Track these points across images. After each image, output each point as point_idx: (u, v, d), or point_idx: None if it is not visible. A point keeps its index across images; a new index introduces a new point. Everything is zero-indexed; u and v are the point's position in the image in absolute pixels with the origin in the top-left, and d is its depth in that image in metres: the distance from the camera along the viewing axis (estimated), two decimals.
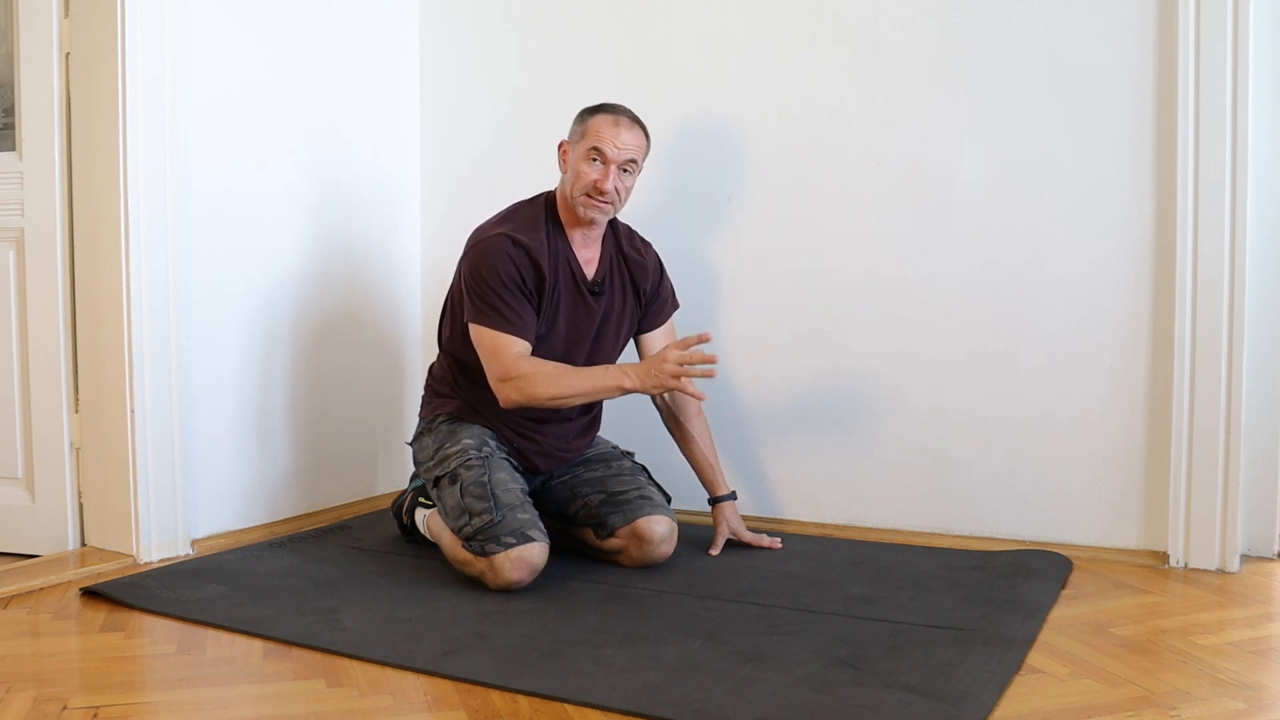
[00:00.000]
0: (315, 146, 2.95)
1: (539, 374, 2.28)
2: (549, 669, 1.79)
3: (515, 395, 2.29)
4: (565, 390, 2.28)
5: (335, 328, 3.03)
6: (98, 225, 2.53)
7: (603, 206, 2.36)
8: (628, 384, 2.26)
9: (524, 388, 2.27)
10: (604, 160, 2.33)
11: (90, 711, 1.65)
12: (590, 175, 2.34)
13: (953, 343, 2.66)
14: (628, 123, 2.37)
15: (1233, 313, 2.37)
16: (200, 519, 2.66)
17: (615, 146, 2.33)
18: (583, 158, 2.35)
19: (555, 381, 2.28)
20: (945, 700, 1.63)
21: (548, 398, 2.28)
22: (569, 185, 2.38)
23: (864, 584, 2.28)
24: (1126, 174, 2.49)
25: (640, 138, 2.39)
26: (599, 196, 2.34)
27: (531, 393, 2.28)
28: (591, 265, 2.46)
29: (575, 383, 2.29)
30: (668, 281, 2.61)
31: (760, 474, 2.88)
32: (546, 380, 2.28)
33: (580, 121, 2.40)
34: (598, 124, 2.35)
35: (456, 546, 2.30)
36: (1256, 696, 1.68)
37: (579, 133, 2.38)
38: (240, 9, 2.73)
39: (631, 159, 2.36)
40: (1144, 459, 2.50)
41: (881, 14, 2.70)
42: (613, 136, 2.33)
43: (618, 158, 2.34)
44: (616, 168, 2.34)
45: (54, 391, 2.60)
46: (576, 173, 2.36)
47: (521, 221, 2.38)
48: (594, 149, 2.33)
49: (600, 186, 2.33)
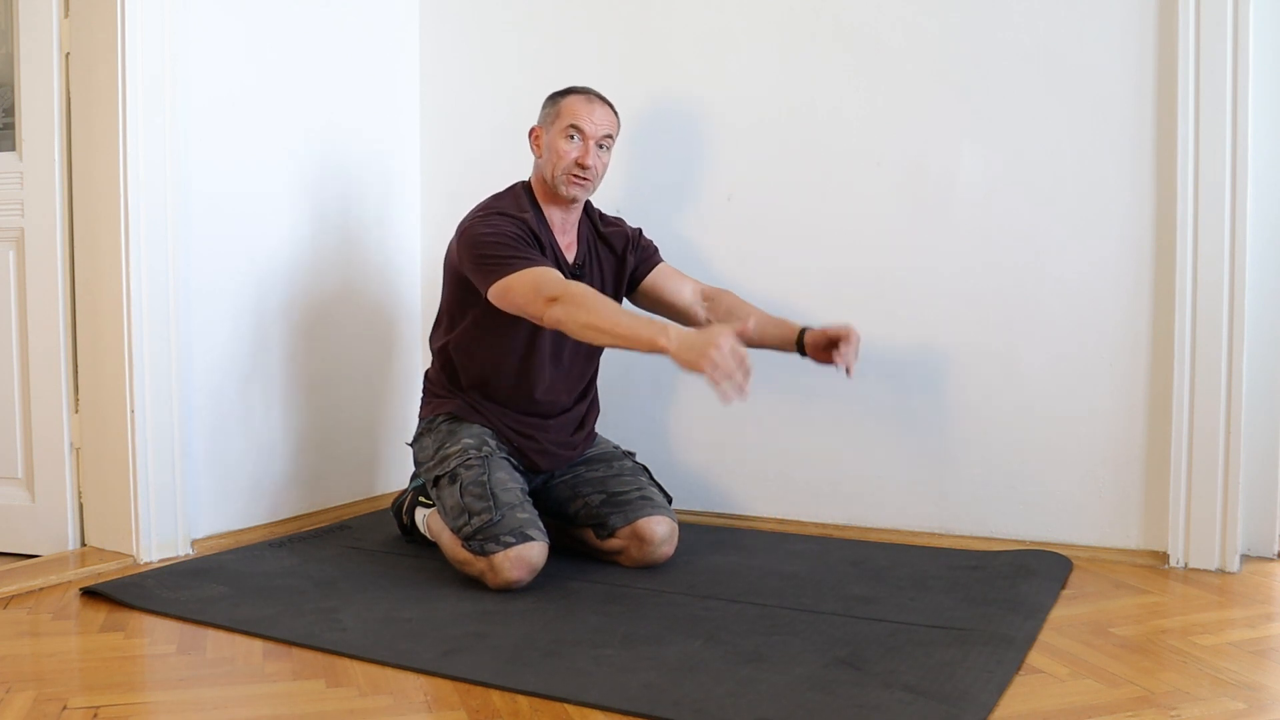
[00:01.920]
0: (315, 146, 2.95)
1: (587, 298, 2.16)
2: (549, 669, 1.79)
3: (562, 314, 2.15)
4: (603, 323, 2.12)
5: (336, 327, 3.03)
6: (98, 225, 2.53)
7: (584, 183, 2.41)
8: (661, 341, 2.06)
9: (573, 306, 2.14)
10: (583, 136, 2.38)
11: (90, 711, 1.65)
12: (571, 153, 2.38)
13: (952, 342, 2.66)
14: (599, 101, 2.43)
15: (1233, 313, 2.37)
16: (200, 519, 2.66)
17: (592, 122, 2.38)
18: (560, 136, 2.39)
19: (596, 311, 2.14)
20: (945, 700, 1.63)
21: (584, 324, 2.13)
22: (548, 166, 2.41)
23: (864, 584, 2.28)
24: (1126, 174, 2.49)
25: (612, 115, 2.45)
26: (581, 172, 2.39)
27: (575, 314, 2.13)
28: (571, 249, 2.48)
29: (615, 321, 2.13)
30: (644, 236, 2.63)
31: (760, 473, 2.88)
32: (589, 307, 2.14)
33: (551, 104, 2.44)
34: (571, 103, 2.40)
35: (456, 546, 2.30)
36: (1256, 696, 1.68)
37: (552, 114, 2.42)
38: (240, 9, 2.73)
39: (608, 134, 2.42)
40: (1144, 459, 2.50)
41: (881, 14, 2.70)
42: (588, 113, 2.39)
43: (595, 133, 2.39)
44: (594, 143, 2.39)
45: (54, 391, 2.60)
46: (556, 152, 2.39)
47: (507, 207, 2.41)
48: (572, 126, 2.38)
49: (582, 161, 2.38)
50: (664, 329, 2.06)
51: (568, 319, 2.15)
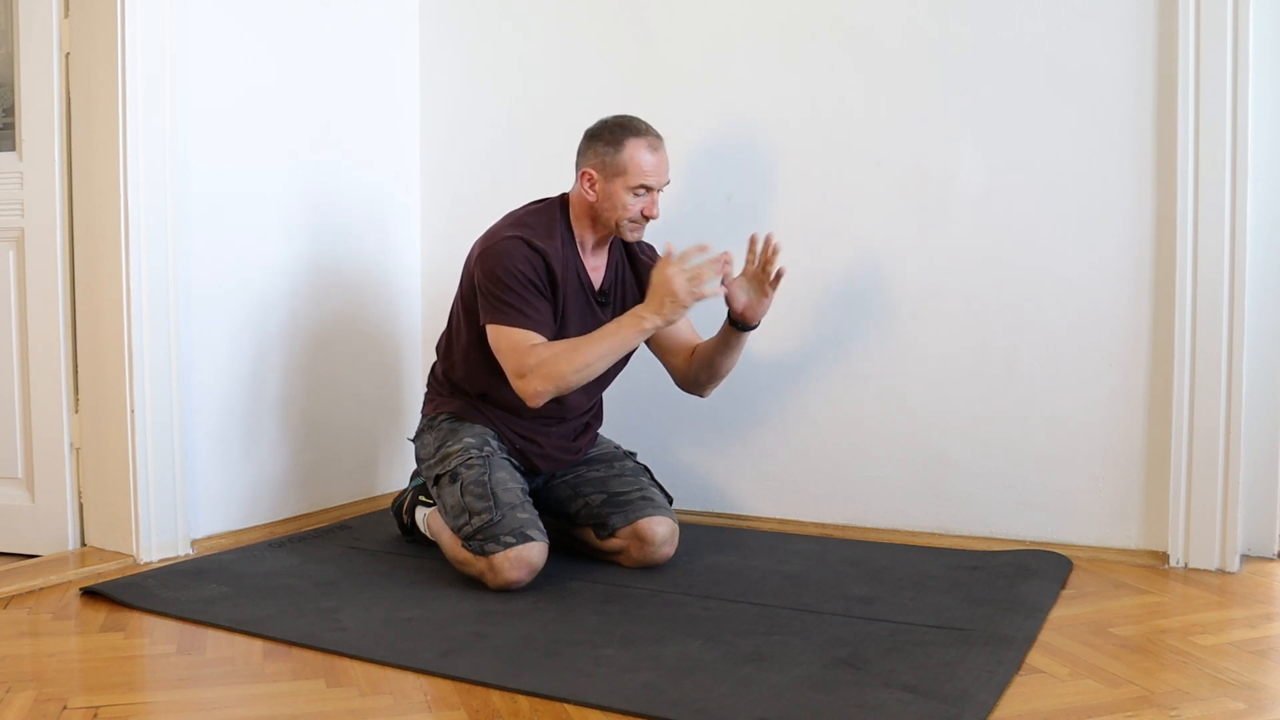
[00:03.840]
0: (315, 148, 2.95)
1: (557, 354, 2.23)
2: (549, 669, 1.79)
3: (540, 385, 2.22)
4: (588, 357, 2.22)
5: (335, 328, 3.03)
6: (98, 225, 2.53)
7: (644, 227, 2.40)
8: (647, 323, 2.21)
9: (548, 373, 2.21)
10: (650, 192, 2.35)
11: (90, 711, 1.65)
12: (637, 206, 2.34)
13: (953, 342, 2.66)
14: (661, 146, 2.36)
15: (1233, 313, 2.37)
16: (200, 519, 2.66)
17: (659, 176, 2.34)
18: (625, 190, 2.32)
19: (575, 352, 2.23)
20: (945, 700, 1.63)
21: (573, 370, 2.21)
22: (607, 212, 2.35)
23: (864, 584, 2.28)
24: (1126, 173, 2.49)
25: (667, 156, 2.38)
26: (647, 221, 2.38)
27: (556, 373, 2.21)
28: (599, 274, 2.46)
29: (595, 346, 2.24)
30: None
31: (760, 473, 2.87)
32: (567, 356, 2.23)
33: (610, 149, 2.32)
34: (637, 157, 2.31)
35: (456, 546, 2.30)
36: (1256, 696, 1.68)
37: (613, 165, 2.31)
38: (241, 11, 2.73)
39: (668, 181, 2.39)
40: (1144, 459, 2.50)
41: (882, 14, 2.70)
42: (655, 169, 2.33)
43: (660, 185, 2.36)
44: (658, 192, 2.37)
45: (54, 391, 2.60)
46: (620, 204, 2.33)
47: (536, 227, 2.36)
48: (641, 186, 2.32)
49: (649, 214, 2.35)
50: (635, 316, 2.21)
51: (553, 382, 2.21)
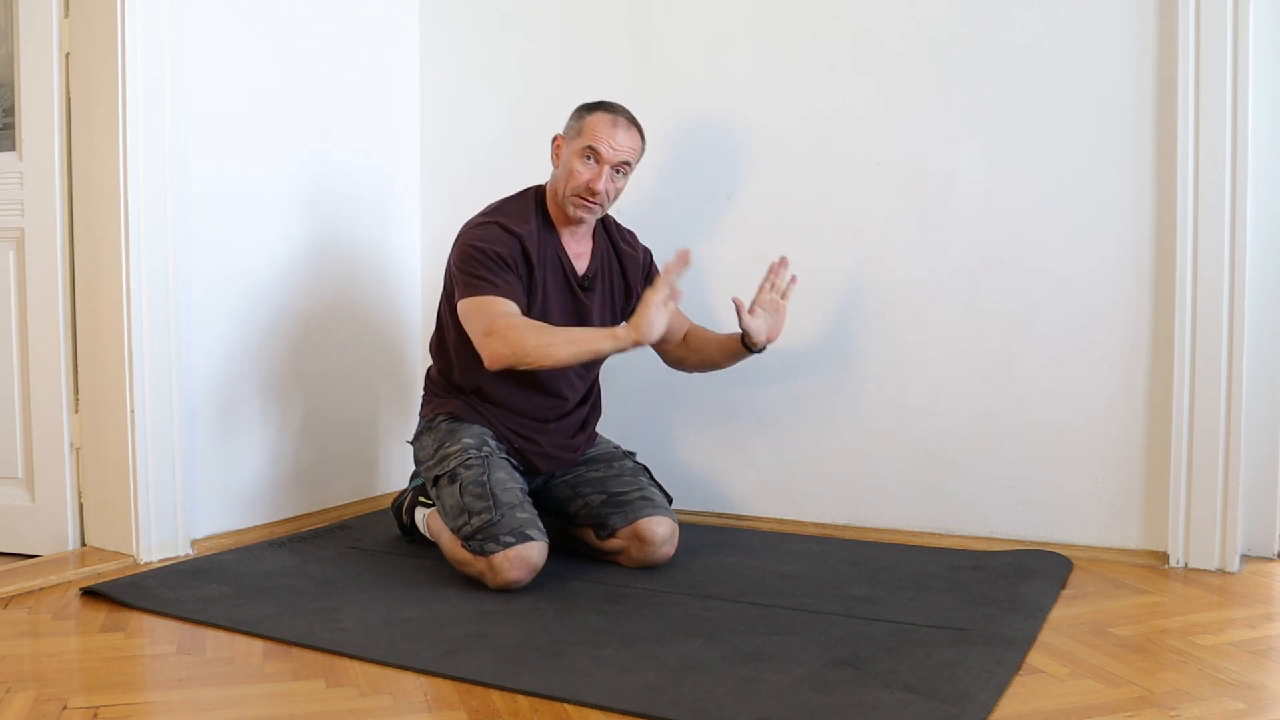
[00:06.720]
0: (316, 147, 2.95)
1: (527, 325, 2.21)
2: (549, 669, 1.79)
3: (500, 347, 2.18)
4: (554, 342, 2.18)
5: (336, 328, 3.03)
6: (98, 225, 2.53)
7: (592, 208, 2.36)
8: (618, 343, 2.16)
9: (510, 337, 2.17)
10: (598, 160, 2.33)
11: (90, 711, 1.65)
12: (583, 175, 2.33)
13: (953, 342, 2.66)
14: (625, 124, 2.36)
15: (1233, 313, 2.37)
16: (200, 519, 2.66)
17: (611, 147, 2.32)
18: (577, 155, 2.34)
19: (543, 332, 2.20)
20: (945, 700, 1.63)
21: (535, 347, 2.17)
22: (560, 182, 2.37)
23: (864, 584, 2.28)
24: (1126, 174, 2.49)
25: (636, 139, 2.38)
26: (590, 197, 2.34)
27: (518, 341, 2.17)
28: (582, 260, 2.46)
29: (564, 335, 2.21)
30: (657, 270, 2.59)
31: (759, 473, 2.88)
32: (535, 331, 2.20)
33: (578, 118, 2.38)
34: (595, 123, 2.34)
35: (456, 546, 2.30)
36: (1256, 696, 1.68)
37: (575, 129, 2.37)
38: (241, 11, 2.73)
39: (625, 161, 2.36)
40: (1144, 459, 2.50)
41: (882, 14, 2.70)
42: (609, 137, 2.32)
43: (612, 158, 2.33)
44: (610, 168, 2.34)
45: (54, 391, 2.60)
46: (569, 170, 2.35)
47: (511, 213, 2.38)
48: (589, 148, 2.32)
49: (592, 187, 2.32)
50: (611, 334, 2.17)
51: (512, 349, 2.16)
